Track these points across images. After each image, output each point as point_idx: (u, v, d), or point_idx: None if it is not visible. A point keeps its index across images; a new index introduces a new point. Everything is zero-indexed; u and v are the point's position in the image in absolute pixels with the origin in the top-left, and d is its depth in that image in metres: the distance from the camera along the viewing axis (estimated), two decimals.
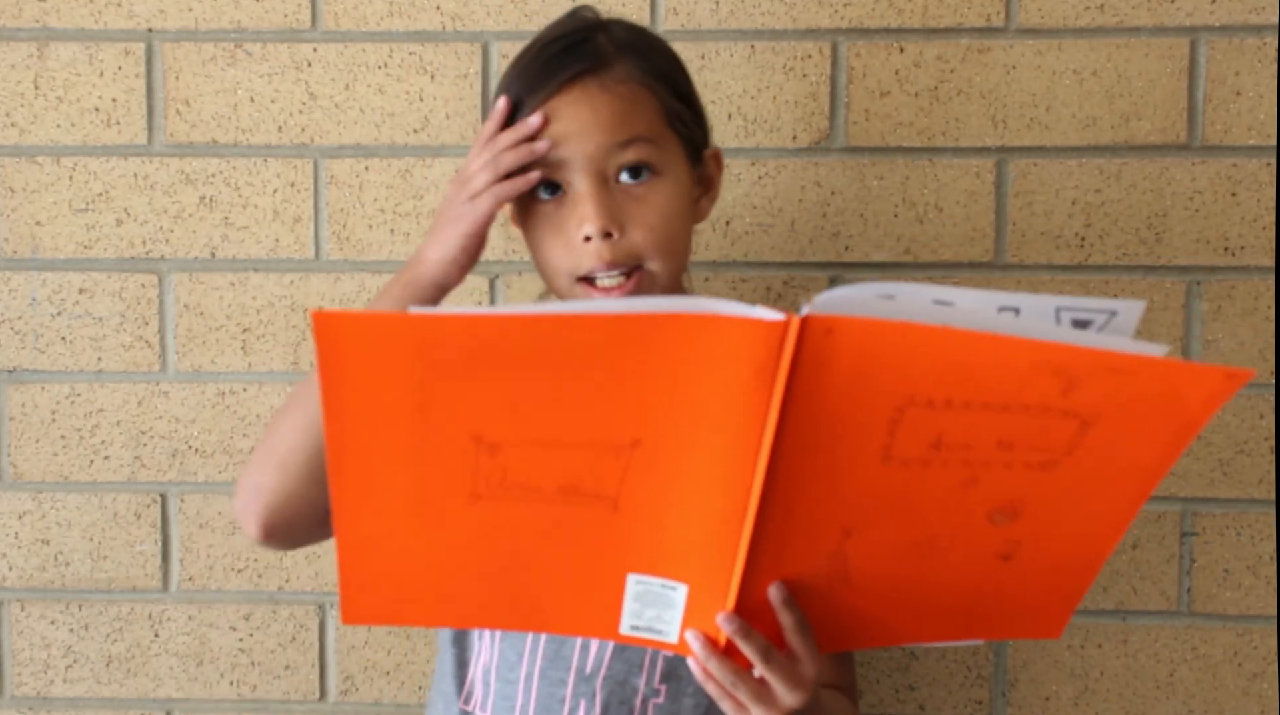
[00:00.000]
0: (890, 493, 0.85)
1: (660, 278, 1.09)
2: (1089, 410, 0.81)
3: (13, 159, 1.41)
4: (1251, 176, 1.35)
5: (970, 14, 1.36)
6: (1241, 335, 1.36)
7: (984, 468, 0.84)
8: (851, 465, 0.84)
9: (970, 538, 0.88)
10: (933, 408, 0.81)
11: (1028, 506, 0.87)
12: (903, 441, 0.82)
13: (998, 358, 0.78)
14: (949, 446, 0.83)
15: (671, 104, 1.11)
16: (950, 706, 1.40)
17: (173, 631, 1.42)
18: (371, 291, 1.40)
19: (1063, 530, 0.89)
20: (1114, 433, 0.82)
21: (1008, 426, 0.82)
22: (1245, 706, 1.38)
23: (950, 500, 0.86)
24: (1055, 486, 0.85)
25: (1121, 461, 0.85)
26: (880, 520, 0.87)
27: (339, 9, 1.39)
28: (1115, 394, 0.80)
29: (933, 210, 1.37)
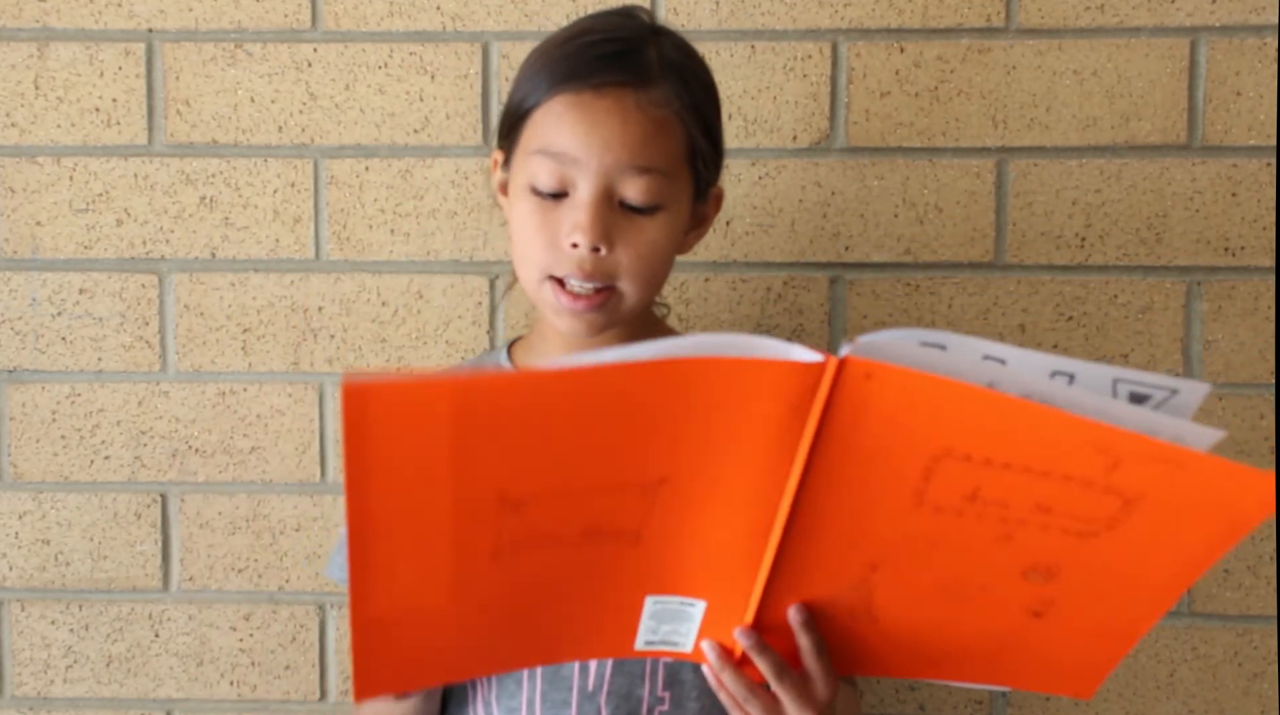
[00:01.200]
0: (921, 535, 0.84)
1: (628, 300, 1.08)
2: (1133, 491, 0.79)
3: (13, 159, 1.41)
4: (1251, 176, 1.35)
5: (970, 14, 1.36)
6: (1241, 335, 1.36)
7: (1020, 526, 0.82)
8: (881, 504, 0.83)
9: (1002, 590, 0.87)
10: (970, 462, 0.79)
11: (1064, 570, 0.85)
12: (937, 489, 0.81)
13: (1041, 428, 0.76)
14: (985, 501, 0.81)
15: (697, 140, 1.09)
16: (950, 706, 1.40)
17: (173, 631, 1.42)
18: (372, 291, 1.40)
19: (1099, 599, 0.87)
20: (1159, 518, 0.80)
21: (1048, 492, 0.80)
22: (1245, 706, 1.38)
23: (984, 552, 0.84)
24: (1095, 557, 0.83)
25: (1165, 547, 0.83)
26: (909, 560, 0.86)
27: (339, 9, 1.39)
28: (1161, 481, 0.78)
29: (933, 210, 1.37)
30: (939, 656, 0.94)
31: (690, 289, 1.38)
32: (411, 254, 1.39)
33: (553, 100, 1.06)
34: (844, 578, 0.88)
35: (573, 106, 1.05)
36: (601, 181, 1.05)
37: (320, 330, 1.40)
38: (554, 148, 1.05)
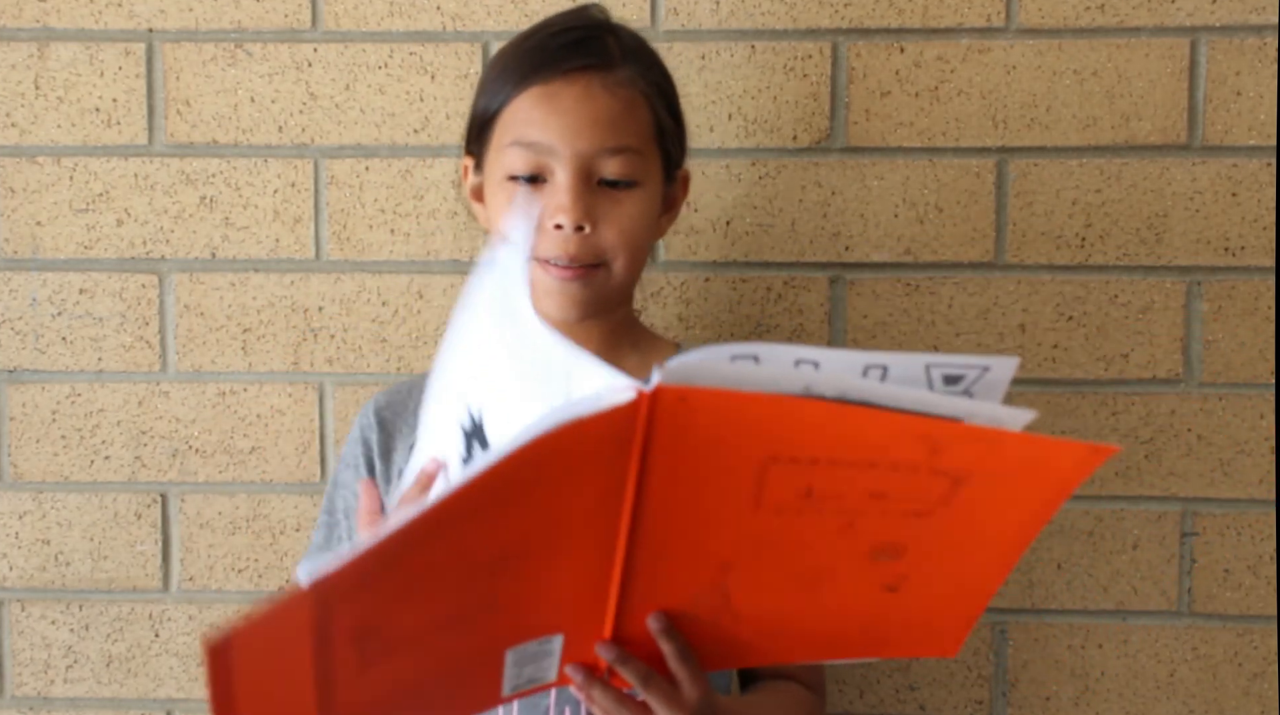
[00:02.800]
0: (766, 535, 0.86)
1: (615, 278, 1.11)
2: (958, 471, 0.81)
3: (13, 159, 1.41)
4: (1251, 176, 1.35)
5: (970, 14, 1.36)
6: (1241, 335, 1.36)
7: (859, 515, 0.84)
8: (721, 512, 0.84)
9: (852, 573, 0.89)
10: (798, 463, 0.81)
11: (909, 547, 0.87)
12: (772, 492, 0.83)
13: (859, 426, 0.78)
14: (820, 497, 0.83)
15: (663, 118, 1.13)
16: (950, 706, 1.40)
17: (173, 631, 1.42)
18: (372, 291, 1.40)
19: (947, 567, 0.89)
20: (988, 491, 0.83)
21: (878, 481, 0.82)
22: (1245, 707, 1.38)
23: (829, 541, 0.86)
24: (935, 531, 0.85)
25: (999, 514, 0.85)
26: (758, 558, 0.88)
27: (339, 9, 1.39)
28: (982, 459, 0.81)
29: (933, 210, 1.37)
30: (807, 640, 0.96)
31: (690, 289, 1.38)
32: (411, 254, 1.39)
33: (522, 94, 1.10)
34: (697, 582, 0.89)
35: (543, 97, 1.09)
36: (578, 164, 1.08)
37: (320, 330, 1.40)
38: (528, 138, 1.08)
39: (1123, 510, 1.38)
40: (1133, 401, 1.37)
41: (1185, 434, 1.37)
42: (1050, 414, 1.37)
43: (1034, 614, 1.39)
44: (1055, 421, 1.37)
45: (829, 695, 1.40)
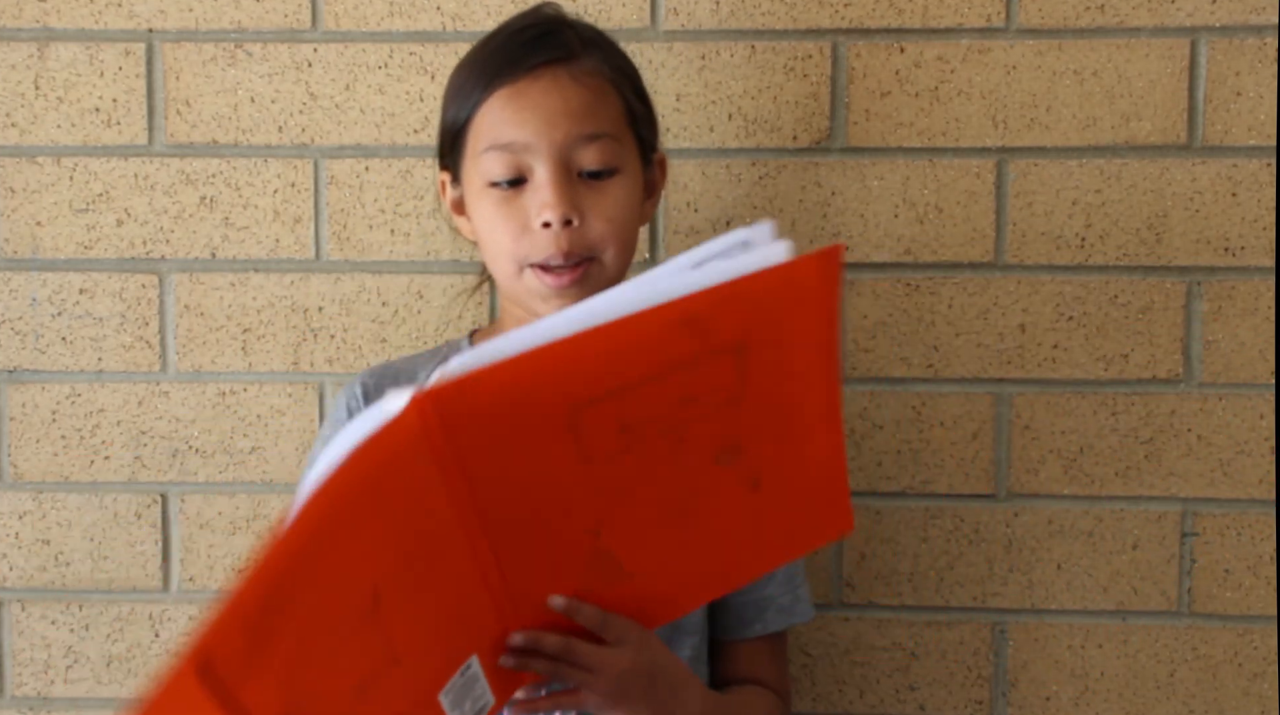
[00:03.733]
0: (611, 485, 0.86)
1: (609, 270, 1.11)
2: (732, 340, 0.82)
3: (13, 159, 1.41)
4: (1251, 176, 1.35)
5: (970, 14, 1.36)
6: (1241, 335, 1.36)
7: (681, 427, 0.85)
8: (559, 481, 0.84)
9: (712, 486, 0.89)
10: (598, 403, 0.82)
11: (743, 439, 0.88)
12: (591, 441, 0.83)
13: (625, 340, 0.80)
14: (636, 426, 0.84)
15: (633, 103, 1.14)
16: (950, 707, 1.40)
17: (173, 632, 1.42)
18: (372, 291, 1.40)
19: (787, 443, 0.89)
20: (768, 346, 0.84)
21: (676, 386, 0.83)
22: (1245, 707, 1.38)
23: (671, 465, 0.87)
24: (754, 412, 0.86)
25: (793, 364, 0.86)
26: (618, 510, 0.88)
27: (339, 9, 1.39)
28: (743, 317, 0.82)
29: (933, 210, 1.37)
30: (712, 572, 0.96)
31: None
32: (411, 254, 1.39)
33: (491, 98, 1.10)
34: (577, 557, 0.89)
35: (512, 96, 1.09)
36: (556, 157, 1.08)
37: (320, 330, 1.40)
38: (502, 139, 1.08)
39: (1123, 510, 1.38)
40: (1133, 401, 1.37)
41: (1185, 434, 1.37)
42: (1050, 414, 1.37)
43: (1034, 614, 1.39)
44: (1055, 421, 1.37)
45: (829, 696, 1.40)
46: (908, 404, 1.38)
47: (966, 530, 1.39)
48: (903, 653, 1.40)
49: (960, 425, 1.38)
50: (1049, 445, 1.38)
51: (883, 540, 1.39)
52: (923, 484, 1.38)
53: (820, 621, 1.39)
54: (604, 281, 1.10)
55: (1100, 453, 1.37)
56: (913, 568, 1.39)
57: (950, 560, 1.39)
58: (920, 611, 1.39)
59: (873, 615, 1.40)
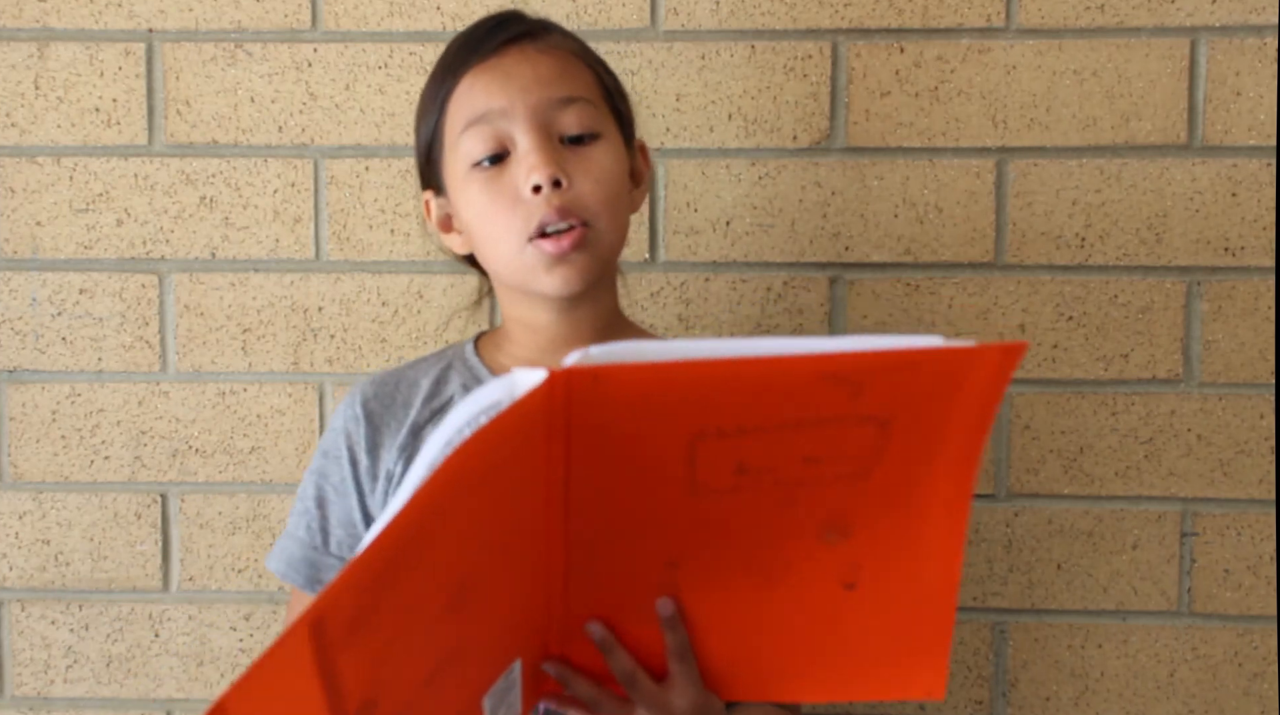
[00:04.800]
0: (707, 522, 0.83)
1: (604, 240, 1.08)
2: (882, 410, 0.78)
3: (13, 159, 1.41)
4: (1251, 176, 1.35)
5: (970, 14, 1.36)
6: (1241, 335, 1.36)
7: (798, 486, 0.81)
8: (655, 499, 0.81)
9: (805, 562, 0.85)
10: (725, 437, 0.78)
11: (856, 521, 0.83)
12: (704, 472, 0.80)
13: (776, 378, 0.76)
14: (754, 471, 0.80)
15: (604, 76, 1.13)
16: (950, 706, 1.40)
17: (173, 632, 1.42)
18: (372, 291, 1.40)
19: (899, 547, 0.84)
20: (915, 428, 0.80)
21: (808, 442, 0.79)
22: (1245, 707, 1.38)
23: (773, 522, 0.83)
24: (876, 495, 0.82)
25: (933, 457, 0.81)
26: (703, 549, 0.84)
27: (339, 9, 1.39)
28: (902, 389, 0.78)
29: (933, 210, 1.37)
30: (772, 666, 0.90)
31: (690, 289, 1.38)
32: (411, 254, 1.39)
33: (459, 84, 1.09)
34: (644, 583, 0.86)
35: (480, 73, 1.08)
36: (535, 119, 1.06)
37: (320, 330, 1.40)
38: (477, 112, 1.07)
39: (1123, 510, 1.38)
40: (1133, 401, 1.37)
41: (1185, 434, 1.37)
42: (1050, 414, 1.37)
43: (1034, 614, 1.39)
44: (1055, 421, 1.37)
45: None
46: None
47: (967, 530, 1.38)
48: None
49: None
50: (1049, 445, 1.38)
51: None
52: None
53: None
54: (602, 252, 1.08)
55: (1100, 453, 1.37)
56: None
57: None
58: None
59: None
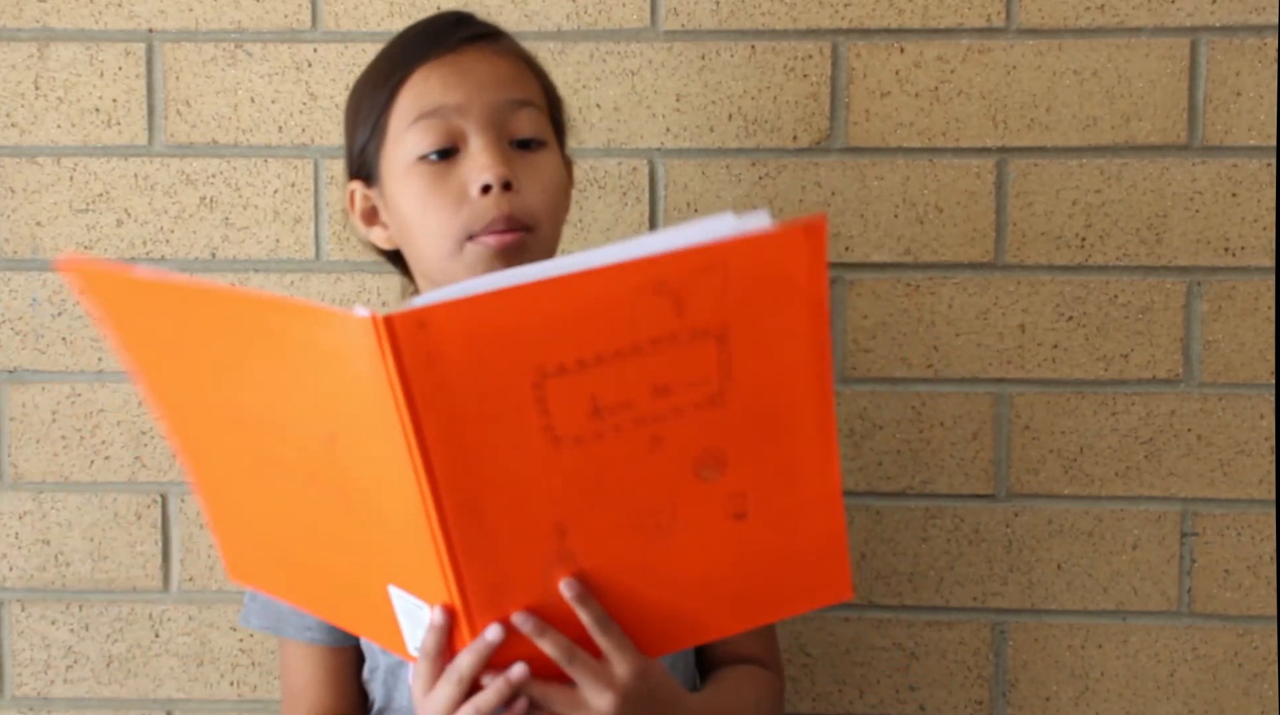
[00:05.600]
0: (580, 477, 0.81)
1: (543, 247, 1.07)
2: (712, 322, 0.78)
3: (13, 159, 1.41)
4: (1252, 177, 1.35)
5: (970, 14, 1.36)
6: (1241, 335, 1.36)
7: (657, 422, 0.80)
8: (521, 456, 0.80)
9: (690, 504, 0.83)
10: (567, 373, 0.77)
11: (728, 451, 0.82)
12: (559, 417, 0.79)
13: (597, 296, 0.76)
14: (608, 409, 0.79)
15: (549, 87, 1.14)
16: (950, 706, 1.40)
17: (173, 632, 1.42)
18: (372, 291, 1.40)
19: (777, 465, 0.84)
20: (752, 337, 0.79)
21: (652, 369, 0.78)
22: (1246, 707, 1.38)
23: (646, 468, 0.82)
24: (739, 419, 0.81)
25: (780, 364, 0.80)
26: (586, 509, 0.83)
27: (339, 9, 1.39)
28: (723, 295, 0.77)
29: (933, 210, 1.37)
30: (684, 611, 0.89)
31: None
32: None
33: (415, 74, 1.08)
34: (539, 553, 0.84)
35: (440, 66, 1.08)
36: (489, 119, 1.06)
37: None
38: (432, 105, 1.06)
39: (1123, 510, 1.38)
40: (1133, 401, 1.37)
41: (1185, 434, 1.37)
42: (1050, 414, 1.37)
43: (1034, 614, 1.39)
44: (1055, 421, 1.37)
45: (829, 696, 1.40)
46: (908, 404, 1.38)
47: (966, 530, 1.39)
48: (903, 653, 1.40)
49: (960, 425, 1.38)
50: (1049, 445, 1.38)
51: (883, 540, 1.39)
52: (923, 484, 1.38)
53: (820, 621, 1.39)
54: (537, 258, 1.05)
55: (1100, 453, 1.37)
56: (913, 568, 1.39)
57: (950, 560, 1.39)
58: (920, 611, 1.39)
59: (873, 615, 1.40)
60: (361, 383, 0.77)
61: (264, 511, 0.92)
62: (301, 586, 0.96)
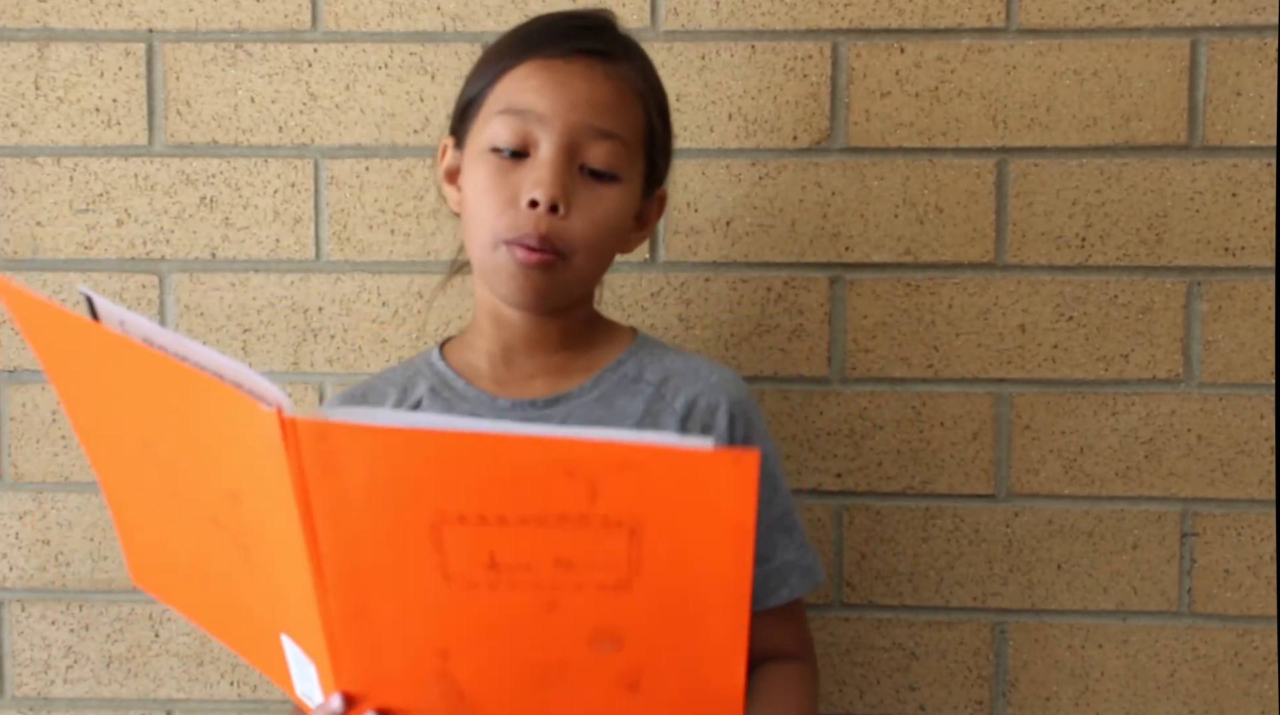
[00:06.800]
0: (471, 614, 0.80)
1: (574, 276, 1.08)
2: (627, 516, 0.74)
3: (13, 159, 1.41)
4: (1252, 176, 1.35)
5: (970, 14, 1.36)
6: (1241, 335, 1.36)
7: (556, 590, 0.78)
8: (411, 580, 0.79)
9: (581, 667, 0.82)
10: (467, 524, 0.76)
11: (626, 633, 0.80)
12: (455, 560, 0.77)
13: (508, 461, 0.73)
14: (506, 567, 0.77)
15: (655, 123, 1.12)
16: (950, 706, 1.40)
17: (173, 632, 1.42)
18: (372, 291, 1.40)
19: (678, 655, 0.81)
20: (669, 541, 0.75)
21: (557, 542, 0.76)
22: (1245, 707, 1.38)
23: (540, 626, 0.80)
24: (642, 609, 0.78)
25: (695, 572, 0.77)
26: (474, 643, 0.82)
27: (339, 9, 1.39)
28: (644, 494, 0.73)
29: (933, 210, 1.37)
30: None
31: (690, 289, 1.38)
32: (411, 254, 1.39)
33: (520, 66, 1.08)
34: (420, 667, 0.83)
35: (542, 68, 1.07)
36: (565, 139, 1.05)
37: (320, 330, 1.40)
38: (520, 105, 1.06)
39: (1123, 510, 1.38)
40: (1133, 401, 1.37)
41: (1185, 434, 1.37)
42: (1050, 414, 1.37)
43: (1034, 614, 1.39)
44: (1055, 421, 1.37)
45: (829, 696, 1.40)
46: (908, 404, 1.38)
47: (966, 530, 1.39)
48: (903, 653, 1.40)
49: (960, 425, 1.38)
50: (1049, 445, 1.38)
51: (883, 540, 1.39)
52: (923, 484, 1.38)
53: (820, 621, 1.39)
54: (566, 285, 1.08)
55: (1100, 453, 1.37)
56: (913, 568, 1.39)
57: (950, 560, 1.39)
58: (920, 611, 1.39)
59: (873, 615, 1.40)
60: (267, 464, 0.77)
61: (169, 534, 0.92)
62: (200, 608, 0.97)
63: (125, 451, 0.90)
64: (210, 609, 0.96)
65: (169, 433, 0.84)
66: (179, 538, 0.91)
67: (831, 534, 1.39)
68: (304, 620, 0.83)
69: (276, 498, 0.78)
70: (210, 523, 0.86)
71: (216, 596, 0.92)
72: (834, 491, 1.39)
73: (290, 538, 0.79)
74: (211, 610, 0.95)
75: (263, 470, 0.77)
